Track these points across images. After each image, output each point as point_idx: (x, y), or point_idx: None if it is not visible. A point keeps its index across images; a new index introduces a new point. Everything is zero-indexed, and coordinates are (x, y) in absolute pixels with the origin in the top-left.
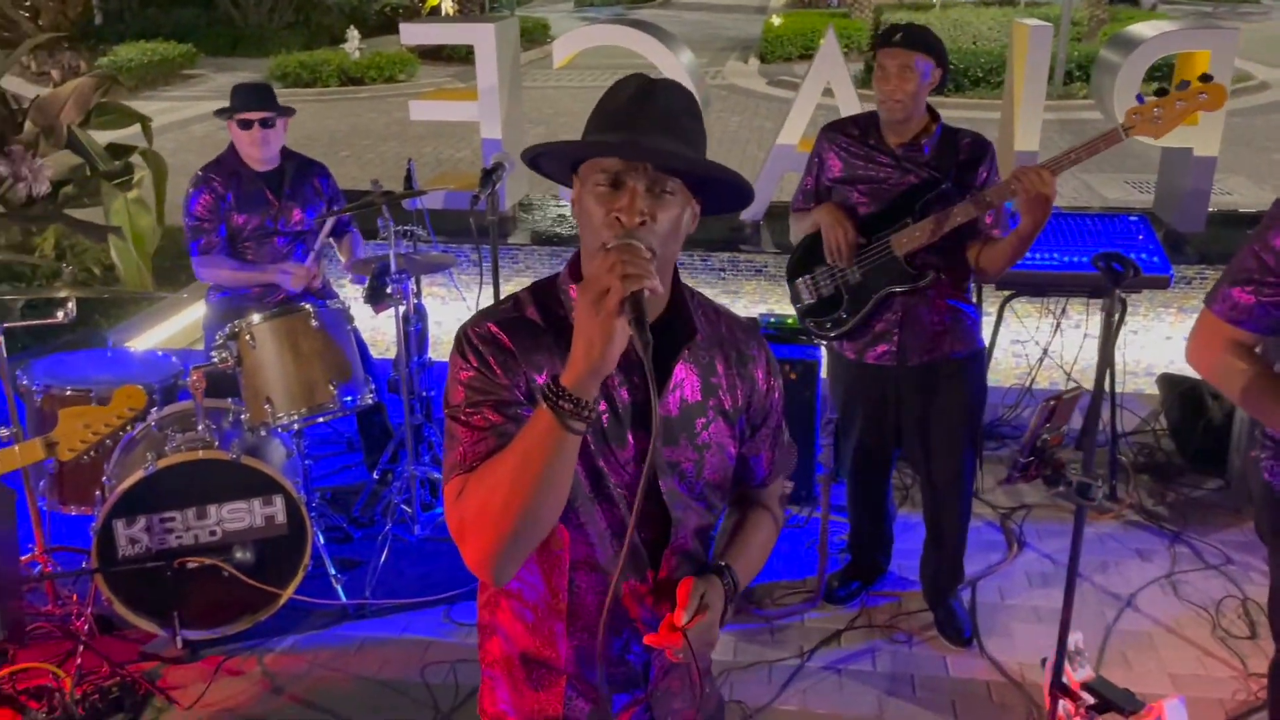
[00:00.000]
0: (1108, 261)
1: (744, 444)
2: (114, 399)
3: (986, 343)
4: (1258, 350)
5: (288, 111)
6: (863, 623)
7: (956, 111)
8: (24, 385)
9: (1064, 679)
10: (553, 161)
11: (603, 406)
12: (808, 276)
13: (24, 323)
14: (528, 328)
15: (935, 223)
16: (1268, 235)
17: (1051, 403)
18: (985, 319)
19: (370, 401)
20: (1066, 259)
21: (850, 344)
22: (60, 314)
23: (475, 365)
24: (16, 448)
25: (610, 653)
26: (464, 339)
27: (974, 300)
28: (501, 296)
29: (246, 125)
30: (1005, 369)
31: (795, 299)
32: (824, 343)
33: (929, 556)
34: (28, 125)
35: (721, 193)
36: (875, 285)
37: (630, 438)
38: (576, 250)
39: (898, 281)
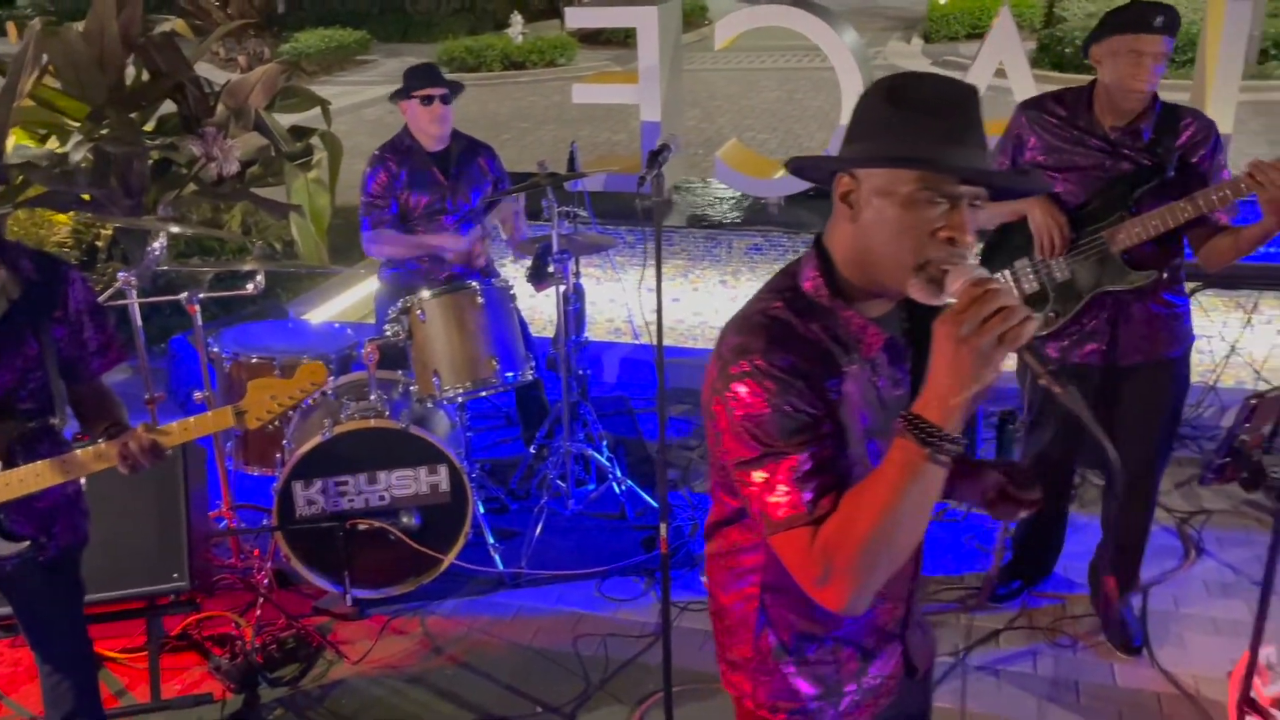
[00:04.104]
0: None
1: None
2: (298, 374)
3: None
4: None
5: (459, 87)
6: (1023, 623)
7: None
8: (215, 352)
9: (1253, 693)
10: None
11: (873, 409)
12: (1007, 273)
13: (217, 293)
14: (811, 347)
15: (1160, 220)
16: None
17: (1253, 401)
18: None
19: (530, 378)
20: (1263, 250)
21: (1054, 342)
22: (250, 286)
23: (782, 398)
24: (210, 414)
25: (883, 612)
26: (758, 372)
27: (1186, 291)
28: (664, 280)
29: (428, 101)
30: None
31: None
32: None
33: (1102, 561)
34: (219, 108)
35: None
36: (1087, 283)
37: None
38: (812, 252)
39: (1115, 280)
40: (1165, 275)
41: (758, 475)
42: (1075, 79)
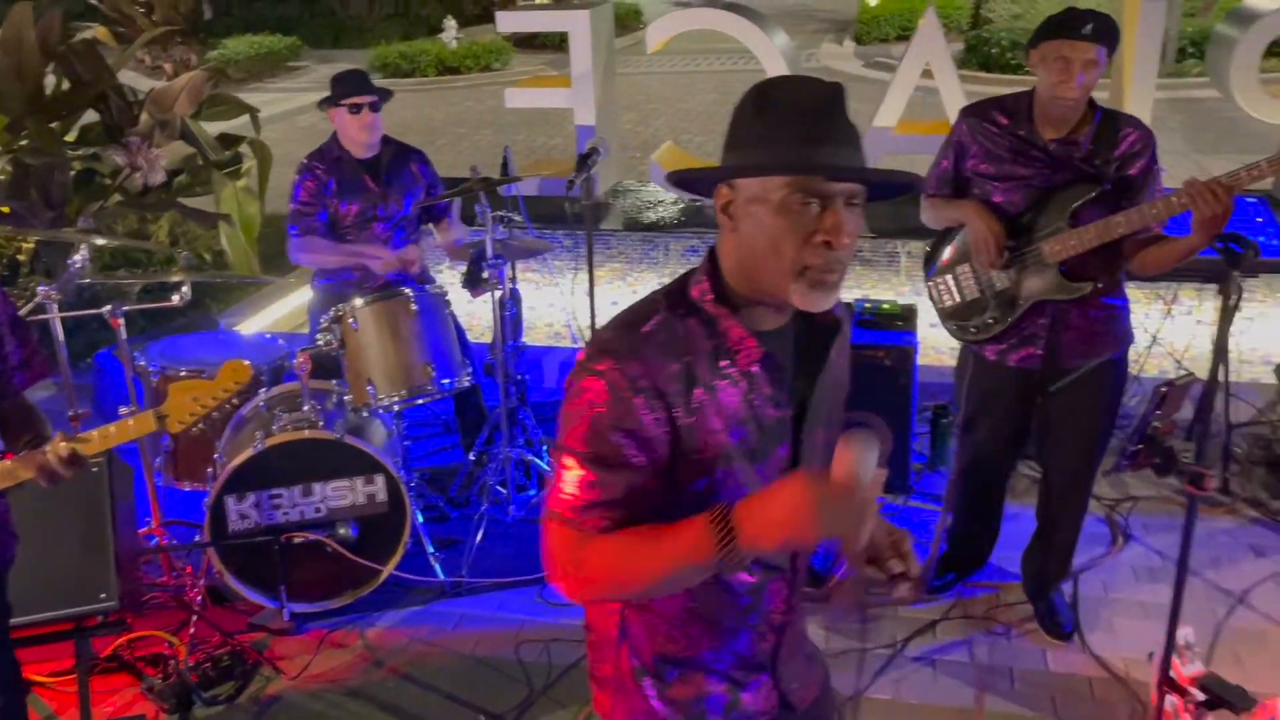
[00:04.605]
0: (1226, 242)
1: None
2: (220, 373)
3: None
4: None
5: (388, 94)
6: (958, 613)
7: None
8: (141, 365)
9: (1172, 673)
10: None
11: (749, 429)
12: (949, 277)
13: (141, 305)
14: (678, 357)
15: (1095, 234)
16: None
17: (1163, 389)
18: None
19: (467, 384)
20: None
21: (993, 346)
22: (175, 297)
23: (614, 411)
24: (131, 420)
25: (748, 641)
26: (607, 374)
27: (1125, 293)
28: (597, 283)
29: (357, 110)
30: None
31: (934, 299)
32: (962, 343)
33: (1035, 550)
34: (143, 117)
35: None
36: (1026, 293)
37: (780, 451)
38: (708, 258)
39: (1052, 291)
40: (1101, 285)
41: (564, 459)
42: (1002, 79)
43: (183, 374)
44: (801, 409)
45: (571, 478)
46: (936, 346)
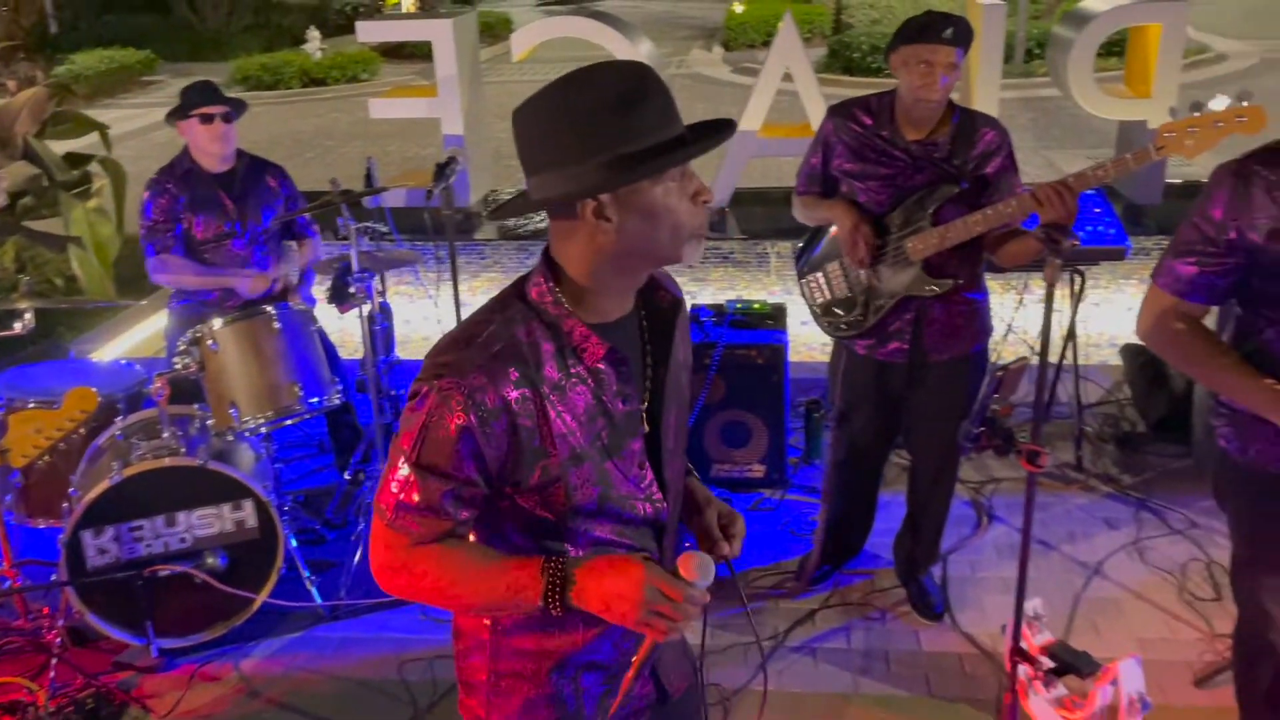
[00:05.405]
0: (1048, 232)
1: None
2: (65, 402)
3: None
4: (1206, 321)
5: (241, 105)
6: (836, 601)
7: None
8: None
9: (1022, 644)
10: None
11: (600, 424)
12: (819, 275)
13: None
14: (512, 355)
15: (954, 232)
16: (1205, 206)
17: (999, 373)
18: None
19: (337, 402)
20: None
21: (862, 340)
22: (18, 325)
23: (451, 443)
24: None
25: (623, 631)
26: (448, 394)
27: (985, 287)
28: (464, 295)
29: (209, 120)
30: None
31: (806, 296)
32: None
33: (905, 537)
34: None
35: None
36: (891, 289)
37: (634, 444)
38: (545, 262)
39: (916, 288)
40: (961, 281)
41: (396, 457)
42: (863, 81)
43: (31, 405)
44: (656, 394)
45: (397, 477)
46: (808, 344)
